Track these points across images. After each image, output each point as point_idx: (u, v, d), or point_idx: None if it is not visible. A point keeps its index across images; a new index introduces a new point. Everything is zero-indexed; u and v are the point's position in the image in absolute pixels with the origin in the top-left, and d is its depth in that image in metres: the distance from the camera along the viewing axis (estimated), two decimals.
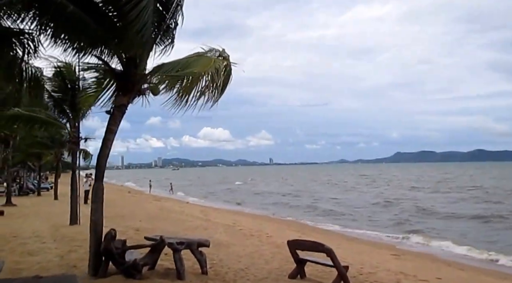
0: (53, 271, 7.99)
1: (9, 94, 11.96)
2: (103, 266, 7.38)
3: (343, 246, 14.77)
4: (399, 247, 17.37)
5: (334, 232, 21.11)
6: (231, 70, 8.28)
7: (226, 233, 14.97)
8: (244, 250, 11.45)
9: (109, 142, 7.67)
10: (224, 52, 8.35)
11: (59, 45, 7.19)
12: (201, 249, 8.15)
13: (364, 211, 31.16)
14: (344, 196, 45.40)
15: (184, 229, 15.16)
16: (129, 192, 47.49)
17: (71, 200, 15.62)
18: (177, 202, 35.36)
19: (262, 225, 19.61)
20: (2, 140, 23.27)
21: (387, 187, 60.30)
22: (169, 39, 7.86)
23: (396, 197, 41.55)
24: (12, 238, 12.08)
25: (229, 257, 10.21)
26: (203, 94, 7.31)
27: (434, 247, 17.48)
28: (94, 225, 7.61)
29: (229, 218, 21.50)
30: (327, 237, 18.12)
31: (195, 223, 17.46)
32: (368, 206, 34.12)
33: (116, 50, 7.49)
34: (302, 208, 33.45)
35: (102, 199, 7.86)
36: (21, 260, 9.07)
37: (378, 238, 19.63)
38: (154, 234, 13.50)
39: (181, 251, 7.65)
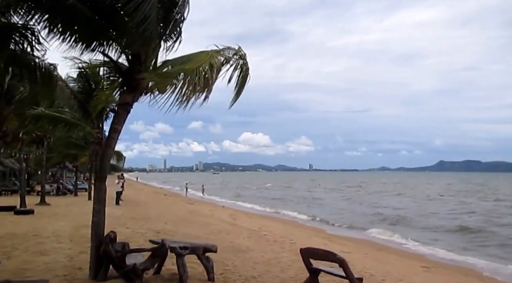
0: (56, 272, 7.81)
1: (31, 94, 12.02)
2: (103, 270, 7.10)
3: (371, 255, 14.04)
4: (431, 258, 16.37)
5: (365, 240, 20.21)
6: (248, 69, 7.81)
7: (249, 238, 14.52)
8: (262, 256, 10.95)
9: (113, 141, 7.42)
10: (240, 51, 7.83)
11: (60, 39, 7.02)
12: (209, 255, 7.77)
13: (399, 218, 29.89)
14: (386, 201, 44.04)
15: (207, 233, 14.83)
16: (165, 194, 47.97)
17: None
18: (210, 205, 35.24)
19: (290, 231, 19.05)
20: (36, 140, 23.74)
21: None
22: (176, 34, 7.50)
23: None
24: (32, 237, 12.12)
25: (244, 263, 9.77)
26: (194, 91, 6.75)
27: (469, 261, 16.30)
28: (96, 227, 7.37)
29: (257, 223, 21.05)
30: (356, 245, 17.39)
31: (220, 227, 17.10)
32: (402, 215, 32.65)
33: (120, 45, 7.21)
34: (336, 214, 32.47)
35: (104, 200, 7.63)
36: (30, 259, 8.98)
37: (409, 248, 18.60)
38: (175, 237, 13.39)
39: (185, 256, 7.26)
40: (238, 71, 7.67)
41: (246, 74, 7.77)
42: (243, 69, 7.70)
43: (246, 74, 7.77)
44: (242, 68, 7.69)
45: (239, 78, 7.70)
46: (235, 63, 7.67)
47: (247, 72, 7.78)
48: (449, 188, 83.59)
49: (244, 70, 7.72)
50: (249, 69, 7.84)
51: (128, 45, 7.06)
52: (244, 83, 7.79)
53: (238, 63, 7.68)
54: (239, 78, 7.70)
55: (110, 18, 6.78)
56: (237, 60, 7.68)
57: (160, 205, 30.05)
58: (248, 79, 7.85)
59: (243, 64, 7.71)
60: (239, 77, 7.69)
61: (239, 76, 7.69)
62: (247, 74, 7.79)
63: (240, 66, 7.67)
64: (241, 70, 7.67)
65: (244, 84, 7.80)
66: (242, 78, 7.73)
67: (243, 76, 7.74)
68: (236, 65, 7.67)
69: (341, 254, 12.58)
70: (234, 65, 7.67)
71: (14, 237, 11.96)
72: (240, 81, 7.73)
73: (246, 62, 7.78)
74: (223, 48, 7.75)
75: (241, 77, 7.71)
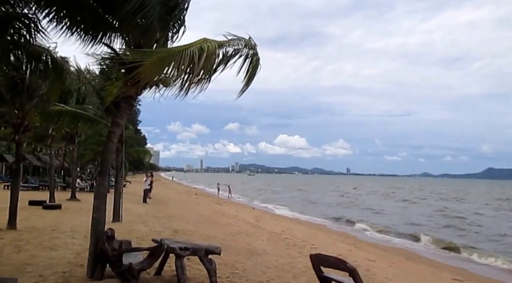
0: (57, 268, 7.67)
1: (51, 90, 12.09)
2: (100, 268, 6.87)
3: (398, 264, 13.33)
4: (471, 270, 15.44)
5: (397, 248, 19.34)
6: (259, 59, 7.46)
7: (268, 240, 14.09)
8: (277, 260, 10.50)
9: (114, 135, 7.20)
10: (250, 41, 7.48)
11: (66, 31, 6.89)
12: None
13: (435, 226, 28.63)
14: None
15: (226, 234, 14.52)
16: (196, 194, 48.04)
17: (114, 197, 15.62)
18: (239, 206, 34.96)
19: (315, 235, 18.48)
20: (67, 137, 24.13)
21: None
22: (179, 24, 7.22)
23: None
24: (50, 231, 12.17)
25: (255, 267, 9.36)
26: (179, 75, 6.35)
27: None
28: (95, 223, 7.13)
29: (281, 225, 20.57)
30: (384, 253, 16.65)
31: (241, 228, 16.74)
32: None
33: (122, 35, 6.99)
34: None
35: (105, 195, 7.39)
36: (38, 254, 8.94)
37: (441, 258, 17.64)
38: (193, 237, 13.14)
39: (184, 258, 6.93)
40: (248, 61, 7.36)
41: (256, 65, 7.42)
42: (253, 60, 7.36)
43: (256, 65, 7.42)
44: (252, 59, 7.35)
45: (249, 69, 7.39)
46: (245, 53, 7.38)
47: (257, 62, 7.42)
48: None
49: (254, 60, 7.38)
50: (259, 60, 7.50)
51: (128, 35, 6.82)
52: (254, 74, 7.45)
53: (248, 54, 7.36)
54: (249, 68, 7.38)
55: (110, 7, 6.57)
56: (247, 51, 7.37)
57: (187, 204, 30.03)
58: (259, 69, 7.52)
59: (253, 54, 7.37)
60: (248, 68, 7.38)
61: (249, 66, 7.37)
62: (257, 64, 7.43)
63: (250, 57, 7.34)
64: (251, 61, 7.34)
65: (254, 75, 7.46)
66: (252, 68, 7.41)
67: (253, 66, 7.40)
68: (246, 56, 7.36)
69: (364, 262, 12.08)
70: (243, 55, 7.38)
71: (33, 231, 12.04)
72: (250, 71, 7.41)
73: (256, 53, 7.43)
74: (232, 38, 7.44)
75: (251, 68, 7.38)
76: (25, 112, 12.17)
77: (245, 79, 7.37)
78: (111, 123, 7.25)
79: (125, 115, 7.22)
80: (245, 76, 7.35)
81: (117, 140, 15.70)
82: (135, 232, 12.78)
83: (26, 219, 14.70)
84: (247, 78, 7.37)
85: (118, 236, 11.25)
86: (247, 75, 7.32)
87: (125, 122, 16.59)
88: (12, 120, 12.30)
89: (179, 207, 26.65)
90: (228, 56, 7.36)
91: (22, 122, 12.13)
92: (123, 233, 12.22)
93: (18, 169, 12.67)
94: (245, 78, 7.37)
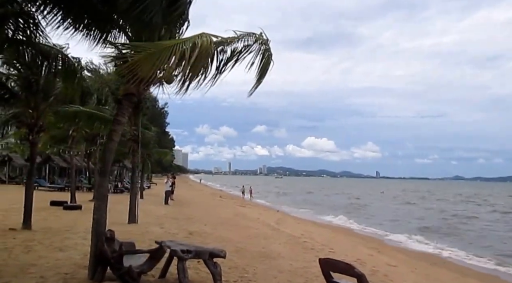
0: (61, 269, 7.52)
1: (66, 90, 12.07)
2: (101, 270, 6.65)
3: (420, 270, 12.75)
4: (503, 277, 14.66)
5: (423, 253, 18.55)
6: (271, 55, 7.16)
7: (286, 243, 13.70)
8: (291, 264, 10.11)
9: (115, 133, 6.97)
10: (262, 36, 7.18)
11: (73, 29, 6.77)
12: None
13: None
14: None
15: (243, 237, 14.21)
16: (220, 196, 47.94)
17: (130, 199, 15.52)
18: (262, 209, 34.64)
19: (335, 238, 18.00)
20: (89, 138, 24.29)
21: None
22: (183, 19, 6.96)
23: None
24: (63, 231, 12.14)
25: (267, 272, 9.01)
26: (169, 71, 6.01)
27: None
28: (96, 224, 6.91)
29: (301, 229, 20.13)
30: (408, 258, 16.05)
31: (260, 231, 16.41)
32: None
33: (125, 32, 6.79)
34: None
35: (105, 195, 7.18)
36: (46, 255, 8.84)
37: (472, 264, 16.82)
38: (208, 239, 12.87)
39: (186, 261, 6.64)
40: (260, 57, 7.05)
41: (268, 61, 7.14)
42: (264, 55, 7.06)
43: (268, 61, 7.14)
44: (264, 54, 7.05)
45: (261, 65, 7.08)
46: (256, 49, 7.07)
47: (269, 58, 7.13)
48: None
49: (266, 56, 7.08)
50: (272, 55, 7.20)
51: (128, 30, 6.59)
52: (265, 70, 7.19)
53: (259, 49, 7.04)
54: (261, 64, 7.07)
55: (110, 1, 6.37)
56: (258, 46, 7.06)
57: (210, 206, 29.89)
58: (272, 65, 7.21)
59: (265, 50, 7.06)
60: (260, 64, 7.07)
61: (261, 62, 7.06)
62: (269, 60, 7.14)
63: (261, 52, 7.03)
64: (262, 57, 7.04)
65: (265, 71, 7.20)
66: (264, 64, 7.10)
67: (265, 62, 7.10)
68: (258, 51, 7.05)
69: (384, 267, 11.53)
70: (254, 51, 7.07)
71: (47, 231, 12.05)
72: (262, 68, 7.10)
73: (268, 48, 7.14)
74: (243, 34, 7.12)
75: (262, 64, 7.08)
76: (39, 112, 12.20)
77: (257, 75, 7.10)
78: (113, 121, 7.04)
79: (127, 113, 7.00)
80: (257, 72, 7.08)
81: (133, 140, 15.84)
82: (149, 234, 12.61)
83: (44, 219, 14.81)
84: (258, 75, 7.10)
85: (132, 237, 11.20)
86: (259, 71, 7.05)
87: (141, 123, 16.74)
88: (26, 120, 12.35)
89: (200, 209, 26.53)
90: (238, 52, 7.09)
91: (36, 123, 12.16)
92: (137, 235, 12.08)
93: (32, 169, 12.73)
94: (257, 75, 7.09)
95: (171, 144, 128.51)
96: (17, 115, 12.78)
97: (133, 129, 15.04)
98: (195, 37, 5.77)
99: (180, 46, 5.55)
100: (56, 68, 9.65)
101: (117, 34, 7.34)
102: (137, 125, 14.95)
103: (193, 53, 5.55)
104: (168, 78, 7.07)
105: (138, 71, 5.65)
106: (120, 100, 7.02)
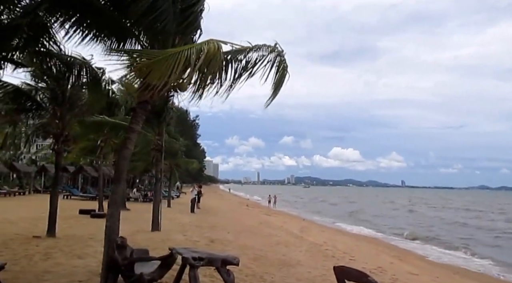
0: (76, 277, 7.59)
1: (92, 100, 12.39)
2: (111, 278, 6.69)
3: (443, 279, 12.42)
4: None
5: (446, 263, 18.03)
6: (286, 67, 7.12)
7: (307, 251, 13.58)
8: (310, 272, 10.00)
9: (130, 141, 7.05)
10: (277, 47, 7.18)
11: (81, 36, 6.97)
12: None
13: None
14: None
15: (264, 244, 14.17)
16: (247, 205, 47.98)
17: (153, 207, 15.70)
18: (287, 217, 34.43)
19: (358, 246, 17.70)
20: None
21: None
22: (195, 27, 7.07)
23: None
24: (87, 239, 12.30)
25: (284, 280, 8.94)
26: (175, 79, 5.97)
27: None
28: (109, 232, 7.00)
29: (324, 237, 19.90)
30: (431, 267, 15.70)
31: (282, 239, 16.32)
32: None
33: (138, 40, 6.94)
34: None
35: (119, 203, 7.26)
36: (63, 262, 8.97)
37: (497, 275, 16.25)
38: (228, 247, 12.89)
39: (198, 268, 6.64)
40: (275, 69, 7.05)
41: (283, 73, 7.08)
42: (280, 67, 7.03)
43: (283, 73, 7.08)
44: (279, 66, 7.03)
45: (276, 76, 7.07)
46: (271, 60, 7.08)
47: (284, 70, 7.09)
48: None
49: (281, 68, 7.06)
50: (287, 67, 7.16)
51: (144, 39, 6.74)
52: (281, 82, 7.10)
53: (275, 61, 7.05)
54: (276, 76, 7.07)
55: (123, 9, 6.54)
56: (274, 57, 7.07)
57: (235, 215, 29.94)
58: (288, 77, 7.17)
59: (280, 61, 7.05)
60: (276, 75, 7.06)
61: (276, 74, 7.06)
62: (284, 72, 7.09)
63: (277, 63, 7.03)
64: (278, 68, 7.02)
65: (281, 83, 7.09)
66: (279, 76, 7.08)
67: (281, 74, 7.08)
68: (273, 63, 7.06)
69: (404, 276, 11.29)
70: (269, 62, 7.08)
71: (70, 239, 12.25)
72: (277, 79, 7.08)
73: (284, 59, 7.10)
74: (258, 45, 7.16)
75: (278, 75, 7.07)
76: (65, 122, 12.55)
77: (273, 87, 7.07)
78: (127, 129, 7.16)
79: (141, 121, 7.10)
80: (273, 84, 7.06)
81: (156, 150, 16.07)
82: (170, 241, 12.69)
83: (70, 227, 15.12)
84: (274, 86, 7.05)
85: (152, 245, 11.33)
86: (274, 83, 7.02)
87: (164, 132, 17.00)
88: (53, 130, 12.72)
89: (225, 217, 26.61)
90: (253, 62, 7.13)
91: (62, 133, 12.50)
92: (158, 242, 12.20)
93: (56, 178, 13.05)
94: (273, 86, 7.07)
95: (201, 154, 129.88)
96: (44, 126, 13.16)
97: (157, 139, 15.29)
98: (201, 43, 5.76)
99: (186, 52, 5.53)
100: (81, 79, 9.89)
101: (132, 44, 7.49)
102: (160, 135, 15.20)
103: (199, 59, 5.51)
104: (180, 86, 7.18)
105: (147, 78, 5.74)
106: (134, 108, 7.15)
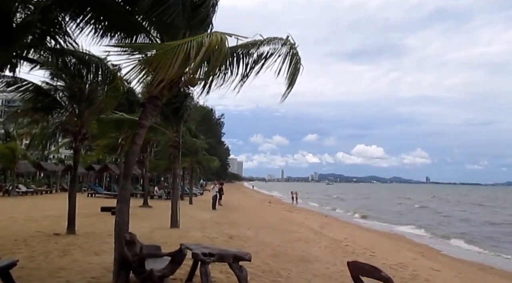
0: (89, 274, 7.60)
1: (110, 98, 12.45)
2: (124, 274, 6.67)
3: (466, 275, 12.06)
4: None
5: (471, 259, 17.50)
6: (299, 60, 6.93)
7: (326, 247, 13.39)
8: (328, 268, 9.83)
9: (139, 137, 7.03)
10: (289, 40, 7.01)
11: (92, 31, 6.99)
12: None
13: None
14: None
15: (284, 241, 14.05)
16: (269, 202, 47.82)
17: (172, 204, 15.73)
18: (310, 214, 34.14)
19: (380, 243, 17.37)
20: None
21: None
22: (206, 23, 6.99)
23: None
24: (105, 236, 12.33)
25: (301, 275, 8.80)
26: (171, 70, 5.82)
27: None
28: (118, 227, 6.97)
29: (345, 233, 19.61)
30: (454, 263, 15.35)
31: (302, 235, 16.15)
32: None
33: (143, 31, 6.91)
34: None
35: (128, 198, 7.23)
36: (80, 259, 9.02)
37: None
38: (247, 243, 12.81)
39: (208, 264, 6.59)
40: (288, 62, 6.88)
41: (297, 66, 6.90)
42: (293, 60, 6.85)
43: (297, 66, 6.90)
44: (292, 59, 6.84)
45: (289, 70, 6.90)
46: (283, 53, 6.92)
47: (298, 63, 6.90)
48: None
49: (294, 61, 6.87)
50: (300, 60, 6.96)
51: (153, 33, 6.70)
52: (295, 75, 6.91)
53: (286, 53, 6.89)
54: (289, 69, 6.89)
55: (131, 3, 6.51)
56: (286, 50, 6.90)
57: (256, 211, 29.88)
58: (301, 70, 6.98)
59: (293, 54, 6.87)
60: (289, 69, 6.89)
61: (289, 67, 6.89)
62: (297, 65, 6.90)
63: (290, 57, 6.86)
64: (290, 61, 6.85)
65: (295, 76, 6.90)
66: (293, 69, 6.91)
67: (294, 67, 6.90)
68: (285, 56, 6.90)
69: (426, 271, 10.99)
70: (282, 55, 6.92)
71: (89, 236, 12.38)
72: (291, 73, 6.91)
73: (296, 52, 6.91)
74: (269, 38, 7.00)
75: (291, 69, 6.90)
76: (83, 120, 12.65)
77: (287, 81, 6.90)
78: (137, 125, 7.11)
79: (151, 117, 7.05)
80: (286, 78, 6.90)
81: (174, 147, 16.11)
82: (188, 238, 12.70)
83: (91, 224, 15.29)
84: (288, 80, 6.88)
85: (169, 241, 11.34)
86: (288, 76, 6.86)
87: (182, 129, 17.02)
88: (72, 128, 12.84)
89: (247, 213, 26.57)
90: (264, 56, 6.99)
91: (80, 131, 12.62)
92: (176, 239, 12.20)
93: (75, 176, 13.19)
94: (287, 80, 6.90)
95: (226, 153, 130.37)
96: (63, 124, 13.31)
97: (175, 136, 15.32)
98: (203, 35, 5.56)
99: (185, 45, 5.36)
100: (98, 77, 9.93)
101: (143, 39, 7.44)
102: (178, 132, 15.22)
103: (199, 52, 5.30)
104: (191, 81, 7.10)
105: (148, 73, 5.66)
106: (143, 104, 7.11)
